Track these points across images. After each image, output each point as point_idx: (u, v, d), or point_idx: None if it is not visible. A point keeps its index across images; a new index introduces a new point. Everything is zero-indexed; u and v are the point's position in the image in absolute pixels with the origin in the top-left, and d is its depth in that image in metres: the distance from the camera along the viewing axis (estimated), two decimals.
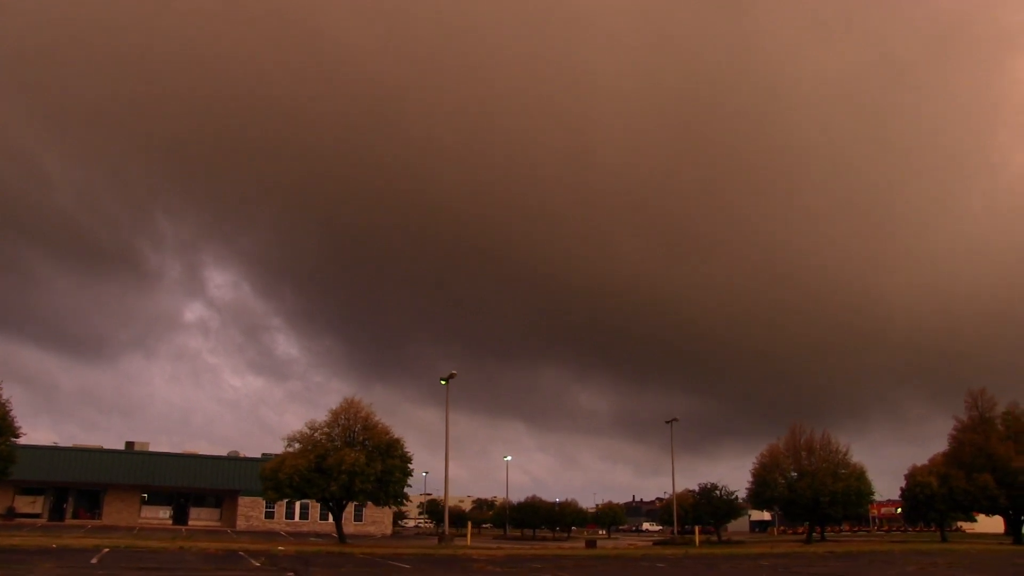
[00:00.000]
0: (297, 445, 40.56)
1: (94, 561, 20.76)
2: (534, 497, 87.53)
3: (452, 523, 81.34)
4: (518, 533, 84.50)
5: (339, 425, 41.30)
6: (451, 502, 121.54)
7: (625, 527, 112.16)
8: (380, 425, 41.53)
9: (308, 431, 40.88)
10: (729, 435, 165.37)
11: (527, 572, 22.39)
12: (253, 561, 23.29)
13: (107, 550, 25.36)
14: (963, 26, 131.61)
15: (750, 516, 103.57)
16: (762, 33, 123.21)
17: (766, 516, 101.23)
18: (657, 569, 24.95)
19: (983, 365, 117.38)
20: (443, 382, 47.84)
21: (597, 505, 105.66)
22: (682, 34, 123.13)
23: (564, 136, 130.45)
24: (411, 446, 42.04)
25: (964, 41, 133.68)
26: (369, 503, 45.14)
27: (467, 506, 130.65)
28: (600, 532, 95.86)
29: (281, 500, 49.69)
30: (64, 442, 68.49)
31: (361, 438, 40.95)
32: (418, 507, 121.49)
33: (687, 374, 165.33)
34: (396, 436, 41.44)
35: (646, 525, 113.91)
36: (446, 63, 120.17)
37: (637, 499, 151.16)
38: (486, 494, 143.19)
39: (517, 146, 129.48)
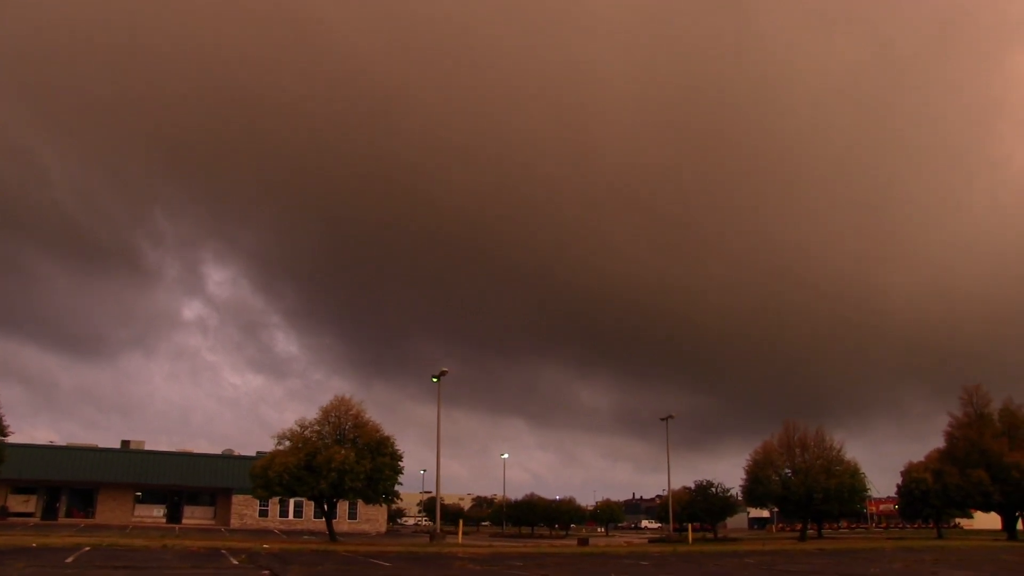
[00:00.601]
0: (287, 443, 40.48)
1: (69, 560, 20.62)
2: (532, 495, 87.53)
3: (451, 521, 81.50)
4: (516, 531, 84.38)
5: (329, 423, 41.22)
6: (450, 500, 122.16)
7: (624, 524, 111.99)
8: (371, 423, 41.47)
9: (298, 429, 40.84)
10: (730, 432, 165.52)
11: (506, 569, 22.24)
12: (232, 559, 23.16)
13: (87, 549, 25.26)
14: (964, 22, 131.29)
15: (749, 513, 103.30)
16: (763, 30, 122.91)
17: (765, 514, 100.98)
18: (639, 567, 24.79)
19: (985, 361, 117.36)
20: (434, 380, 47.65)
21: (596, 503, 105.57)
22: (683, 31, 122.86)
23: (565, 134, 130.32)
24: (411, 443, 42.27)
25: (965, 37, 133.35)
26: (363, 501, 45.06)
27: (467, 504, 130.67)
28: (599, 530, 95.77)
29: (271, 498, 49.63)
30: (63, 441, 68.69)
31: (351, 436, 40.88)
32: (417, 505, 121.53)
33: (688, 371, 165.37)
34: (386, 434, 41.40)
35: (645, 522, 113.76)
36: (447, 61, 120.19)
37: (637, 496, 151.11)
38: (486, 492, 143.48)
39: (517, 144, 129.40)
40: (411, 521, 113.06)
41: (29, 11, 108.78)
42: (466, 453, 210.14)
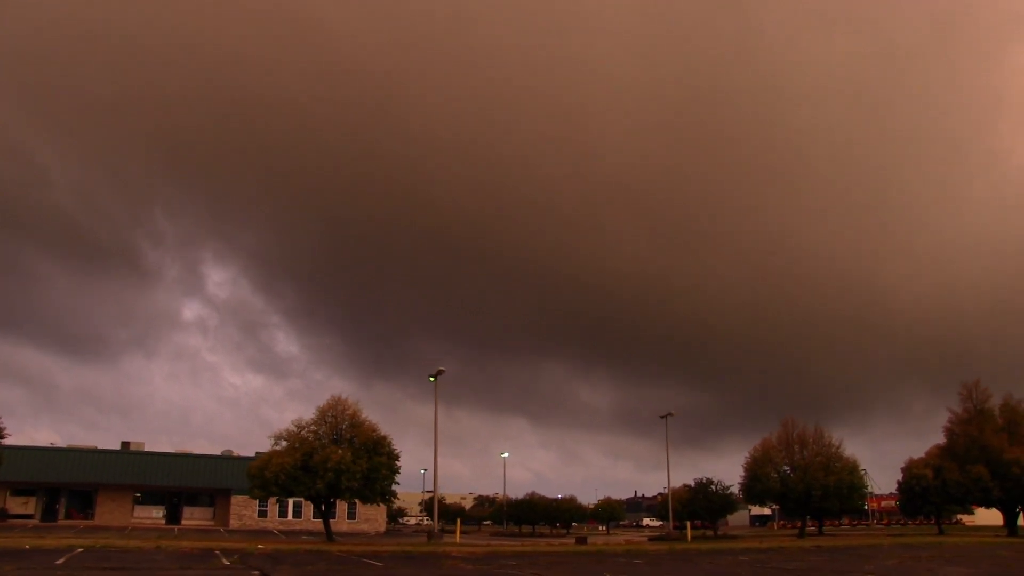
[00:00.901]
0: (284, 443, 40.49)
1: (60, 562, 20.56)
2: (533, 494, 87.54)
3: (452, 520, 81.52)
4: (516, 530, 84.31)
5: (326, 423, 41.20)
6: (452, 499, 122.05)
7: (625, 522, 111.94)
8: (367, 423, 41.45)
9: (295, 429, 40.82)
10: (731, 430, 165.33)
11: (498, 568, 22.15)
12: (224, 560, 23.12)
13: (80, 550, 25.20)
14: (964, 16, 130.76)
15: (750, 511, 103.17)
16: (763, 25, 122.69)
17: (767, 511, 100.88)
18: (633, 565, 24.69)
19: (985, 359, 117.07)
20: (431, 379, 47.58)
21: (597, 501, 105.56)
22: (683, 27, 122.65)
23: (565, 131, 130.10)
24: (411, 443, 42.29)
25: (965, 31, 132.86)
26: (360, 501, 45.02)
27: (468, 503, 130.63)
28: (600, 528, 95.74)
29: (269, 498, 49.63)
30: (64, 442, 68.74)
31: (348, 436, 40.86)
32: (419, 504, 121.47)
33: (688, 369, 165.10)
34: (383, 433, 41.39)
35: (646, 520, 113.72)
36: (448, 59, 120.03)
37: (639, 494, 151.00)
38: (488, 491, 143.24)
39: (518, 142, 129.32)
40: (412, 520, 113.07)
41: (29, 11, 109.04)
42: (468, 452, 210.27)
